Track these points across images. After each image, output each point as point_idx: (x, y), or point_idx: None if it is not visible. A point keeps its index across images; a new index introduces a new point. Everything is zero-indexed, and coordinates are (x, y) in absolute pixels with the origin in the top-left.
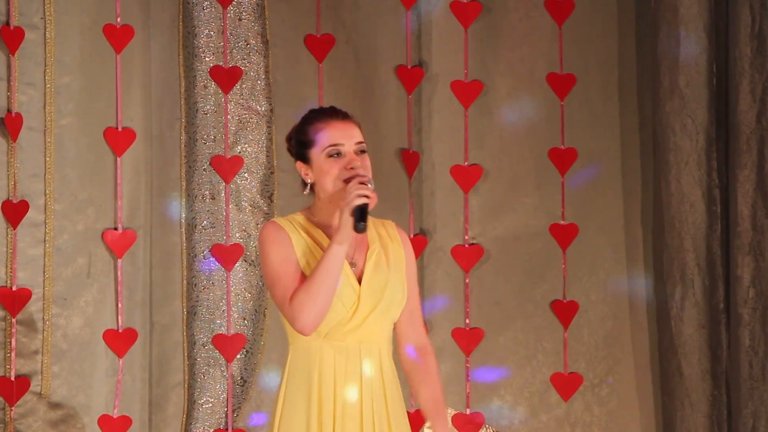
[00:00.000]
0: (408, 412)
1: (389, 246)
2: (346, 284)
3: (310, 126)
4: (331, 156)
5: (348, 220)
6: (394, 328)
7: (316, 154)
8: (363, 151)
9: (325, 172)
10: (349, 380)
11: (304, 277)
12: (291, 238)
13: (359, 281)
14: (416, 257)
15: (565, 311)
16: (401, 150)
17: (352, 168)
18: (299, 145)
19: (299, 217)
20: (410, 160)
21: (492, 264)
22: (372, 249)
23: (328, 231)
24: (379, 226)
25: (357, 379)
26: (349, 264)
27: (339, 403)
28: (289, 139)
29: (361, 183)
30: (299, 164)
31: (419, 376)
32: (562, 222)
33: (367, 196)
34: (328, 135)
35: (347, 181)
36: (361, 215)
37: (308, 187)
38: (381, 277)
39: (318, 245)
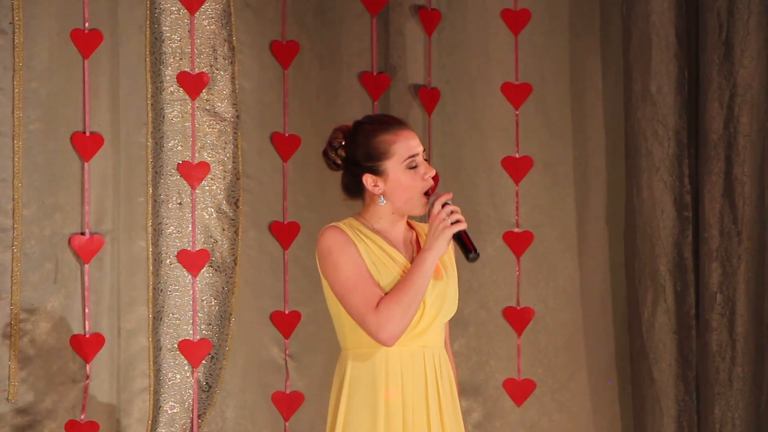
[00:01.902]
0: None
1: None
2: None
3: (376, 138)
4: (410, 168)
5: (444, 241)
6: None
7: (394, 166)
8: (427, 160)
9: (406, 186)
10: (416, 385)
11: (378, 285)
12: (356, 244)
13: None
14: None
15: (518, 318)
16: None
17: (428, 178)
18: (367, 158)
19: (355, 223)
20: None
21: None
22: None
23: (388, 238)
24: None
25: (423, 384)
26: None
27: (408, 408)
28: (335, 148)
29: (447, 203)
30: (367, 177)
31: None
32: (516, 230)
33: (460, 221)
34: (405, 146)
35: (426, 194)
36: (466, 244)
37: (380, 197)
38: (441, 283)
39: (383, 251)
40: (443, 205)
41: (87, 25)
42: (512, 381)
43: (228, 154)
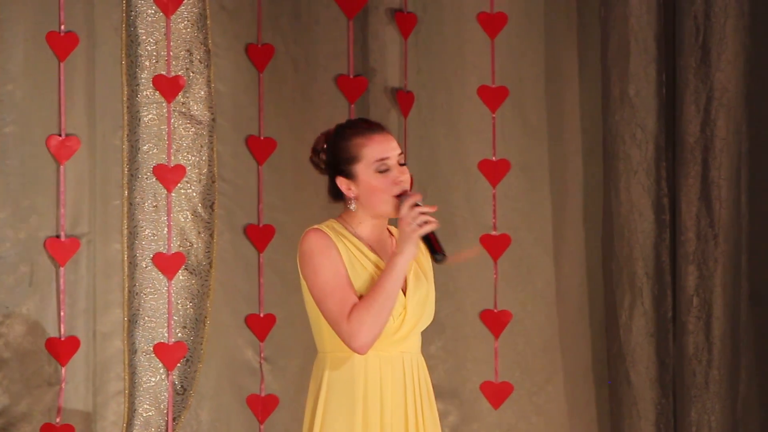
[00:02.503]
0: None
1: (422, 258)
2: None
3: (349, 141)
4: (379, 171)
5: (413, 244)
6: None
7: (363, 169)
8: (403, 163)
9: (375, 189)
10: (395, 391)
11: (355, 291)
12: (338, 248)
13: (404, 292)
14: None
15: (495, 321)
16: None
17: (400, 182)
18: (339, 161)
19: (337, 226)
20: None
21: None
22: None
23: (370, 243)
24: None
25: (402, 390)
26: None
27: (387, 414)
28: (317, 152)
29: (415, 205)
30: (340, 180)
31: None
32: (494, 233)
33: (429, 222)
34: (375, 149)
35: (398, 196)
36: (434, 246)
37: (352, 202)
38: (423, 289)
39: (365, 256)
40: (413, 207)
41: (63, 27)
42: (489, 384)
43: (203, 157)
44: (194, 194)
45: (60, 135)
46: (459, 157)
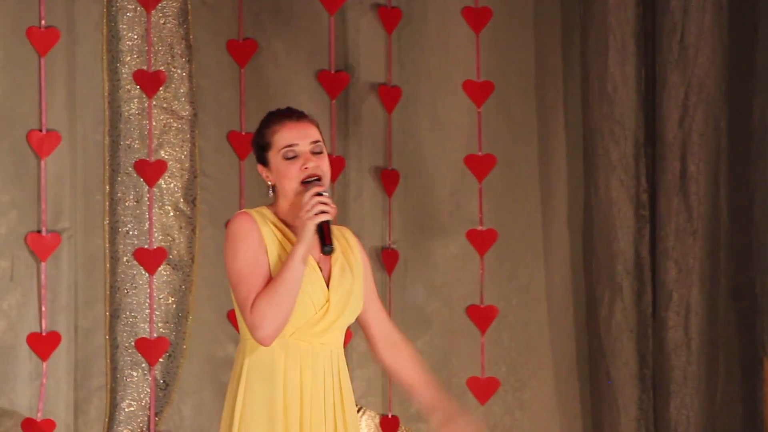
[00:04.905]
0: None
1: (349, 253)
2: (317, 286)
3: (266, 129)
4: (287, 158)
5: (309, 232)
6: (367, 332)
7: (273, 156)
8: (320, 152)
9: (283, 175)
10: (315, 380)
11: (270, 280)
12: (262, 233)
13: (327, 285)
14: None
15: (482, 316)
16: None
17: (306, 168)
18: (258, 148)
19: (267, 212)
20: (334, 165)
21: (410, 269)
22: (336, 255)
23: (294, 230)
24: (337, 233)
25: (321, 380)
26: (318, 267)
27: (307, 403)
28: (251, 143)
29: (318, 194)
30: (259, 167)
31: (404, 371)
32: (480, 227)
33: (325, 211)
34: (283, 136)
35: (304, 182)
36: (324, 236)
37: (270, 189)
38: (347, 283)
39: (287, 240)
40: (314, 195)
41: (43, 22)
42: (476, 379)
43: (185, 152)
44: (176, 189)
45: (41, 130)
46: (444, 151)
